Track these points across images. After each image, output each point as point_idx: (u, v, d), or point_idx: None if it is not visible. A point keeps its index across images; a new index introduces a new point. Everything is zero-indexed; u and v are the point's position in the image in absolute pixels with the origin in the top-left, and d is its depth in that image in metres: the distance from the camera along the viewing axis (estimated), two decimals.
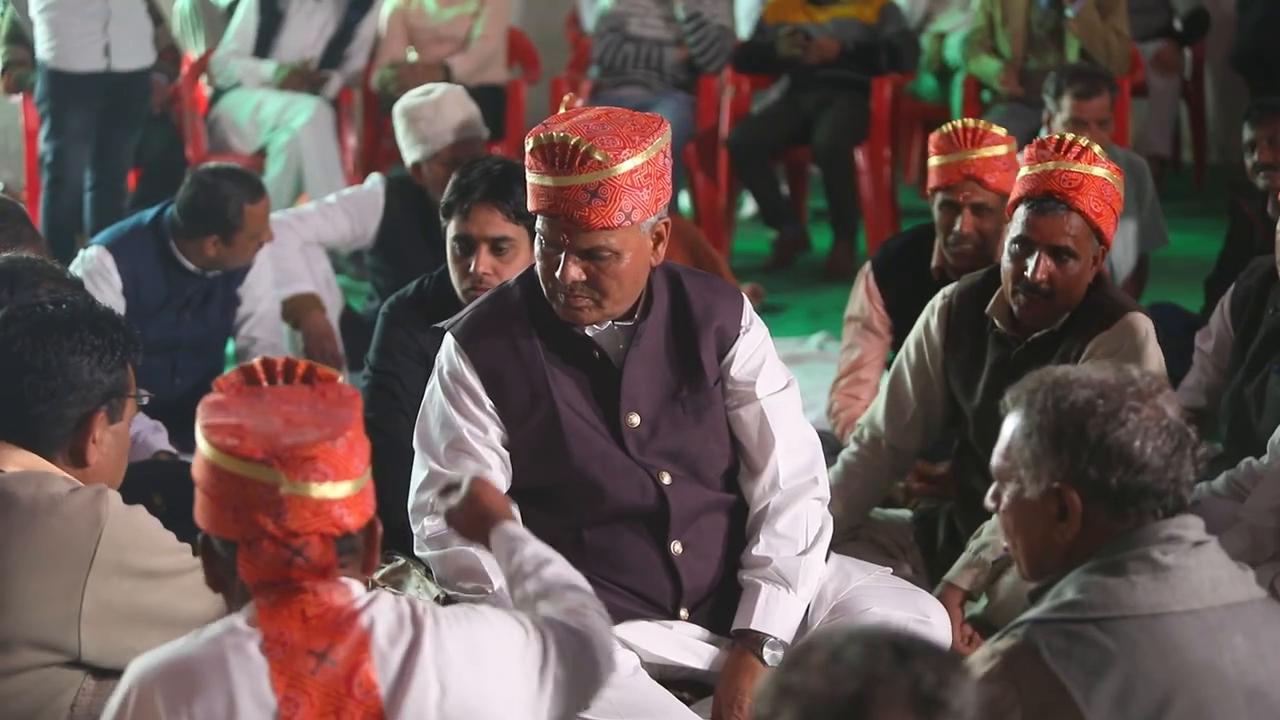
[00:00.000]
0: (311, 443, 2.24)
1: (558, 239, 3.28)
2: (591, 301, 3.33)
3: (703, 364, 3.45)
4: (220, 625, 2.29)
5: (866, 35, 8.13)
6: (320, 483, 2.24)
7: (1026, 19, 7.81)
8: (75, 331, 2.96)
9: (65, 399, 2.94)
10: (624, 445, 3.42)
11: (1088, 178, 3.83)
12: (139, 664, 2.29)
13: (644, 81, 8.20)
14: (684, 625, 3.47)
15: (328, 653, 2.24)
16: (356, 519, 2.29)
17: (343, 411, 2.30)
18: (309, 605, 2.26)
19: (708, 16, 8.18)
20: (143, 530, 2.94)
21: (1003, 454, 2.47)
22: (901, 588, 3.58)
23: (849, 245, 8.07)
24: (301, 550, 2.24)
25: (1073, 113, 6.15)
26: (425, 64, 8.02)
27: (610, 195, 3.22)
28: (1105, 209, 3.85)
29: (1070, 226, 3.84)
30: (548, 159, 3.23)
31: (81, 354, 2.94)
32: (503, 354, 3.42)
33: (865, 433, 4.25)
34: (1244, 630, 2.37)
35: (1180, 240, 7.04)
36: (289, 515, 2.24)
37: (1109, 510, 2.40)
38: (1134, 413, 2.39)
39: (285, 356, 2.39)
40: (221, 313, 5.55)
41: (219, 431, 2.26)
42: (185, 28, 8.66)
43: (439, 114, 5.66)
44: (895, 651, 1.85)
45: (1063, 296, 3.88)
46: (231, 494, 2.25)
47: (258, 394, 2.32)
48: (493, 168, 4.22)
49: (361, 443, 2.30)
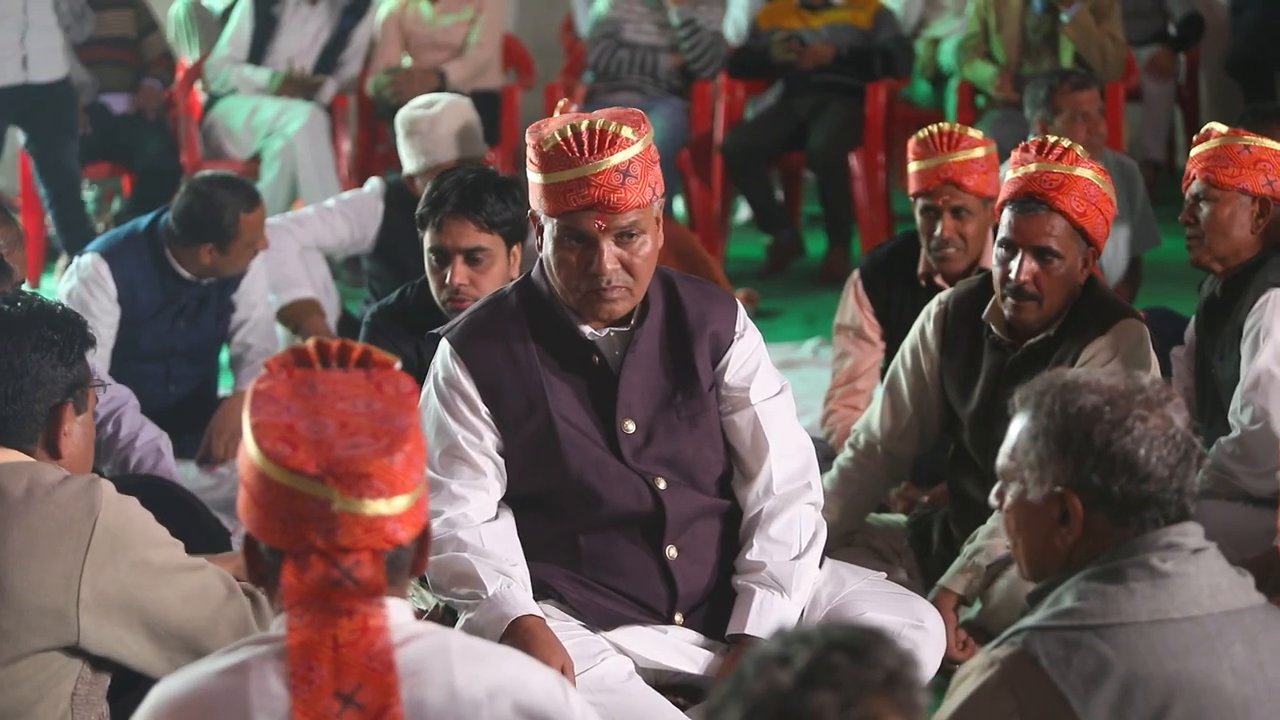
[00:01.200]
0: (367, 458, 2.12)
1: (591, 229, 3.28)
2: (626, 290, 3.34)
3: (697, 370, 3.45)
4: (247, 649, 2.19)
5: (861, 40, 8.14)
6: (375, 499, 2.12)
7: (1021, 24, 7.81)
8: (34, 330, 2.98)
9: (33, 396, 2.97)
10: (619, 452, 3.42)
11: (1069, 178, 3.84)
12: (158, 693, 2.19)
13: (639, 87, 8.20)
14: (679, 630, 3.47)
15: (355, 694, 2.12)
16: (410, 531, 2.17)
17: (401, 417, 2.17)
18: (343, 630, 2.13)
19: (702, 23, 8.18)
20: (136, 519, 2.94)
21: (1008, 454, 2.47)
22: (896, 592, 3.58)
23: (843, 250, 8.07)
24: (351, 571, 2.13)
25: (1072, 107, 6.15)
26: (420, 70, 8.01)
27: (640, 172, 3.26)
28: (1090, 209, 3.85)
29: (1052, 227, 3.85)
30: (575, 149, 3.24)
31: (42, 351, 2.97)
32: (499, 361, 3.42)
33: (861, 438, 4.26)
34: (1243, 638, 2.37)
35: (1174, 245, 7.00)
36: (340, 532, 2.12)
37: (1111, 517, 2.39)
38: (1141, 421, 2.38)
39: (340, 340, 2.27)
40: (216, 319, 5.55)
41: (269, 435, 2.14)
42: (180, 34, 8.66)
43: (434, 129, 5.65)
44: (844, 650, 1.82)
45: (1050, 298, 3.88)
46: (280, 504, 2.14)
47: (310, 383, 2.19)
48: (465, 178, 4.22)
49: (419, 452, 2.18)
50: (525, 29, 9.65)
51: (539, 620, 3.30)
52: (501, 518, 3.45)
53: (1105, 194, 3.89)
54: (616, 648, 3.42)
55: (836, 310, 5.09)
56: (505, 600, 3.30)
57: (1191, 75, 9.38)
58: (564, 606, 3.42)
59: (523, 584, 3.37)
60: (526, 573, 3.41)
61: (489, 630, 3.25)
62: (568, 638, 3.33)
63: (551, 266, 3.37)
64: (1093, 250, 3.90)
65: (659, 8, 8.23)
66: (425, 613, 3.64)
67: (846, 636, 1.83)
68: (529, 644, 3.20)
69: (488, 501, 3.43)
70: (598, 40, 8.32)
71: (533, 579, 3.41)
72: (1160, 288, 6.69)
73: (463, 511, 3.39)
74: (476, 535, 3.38)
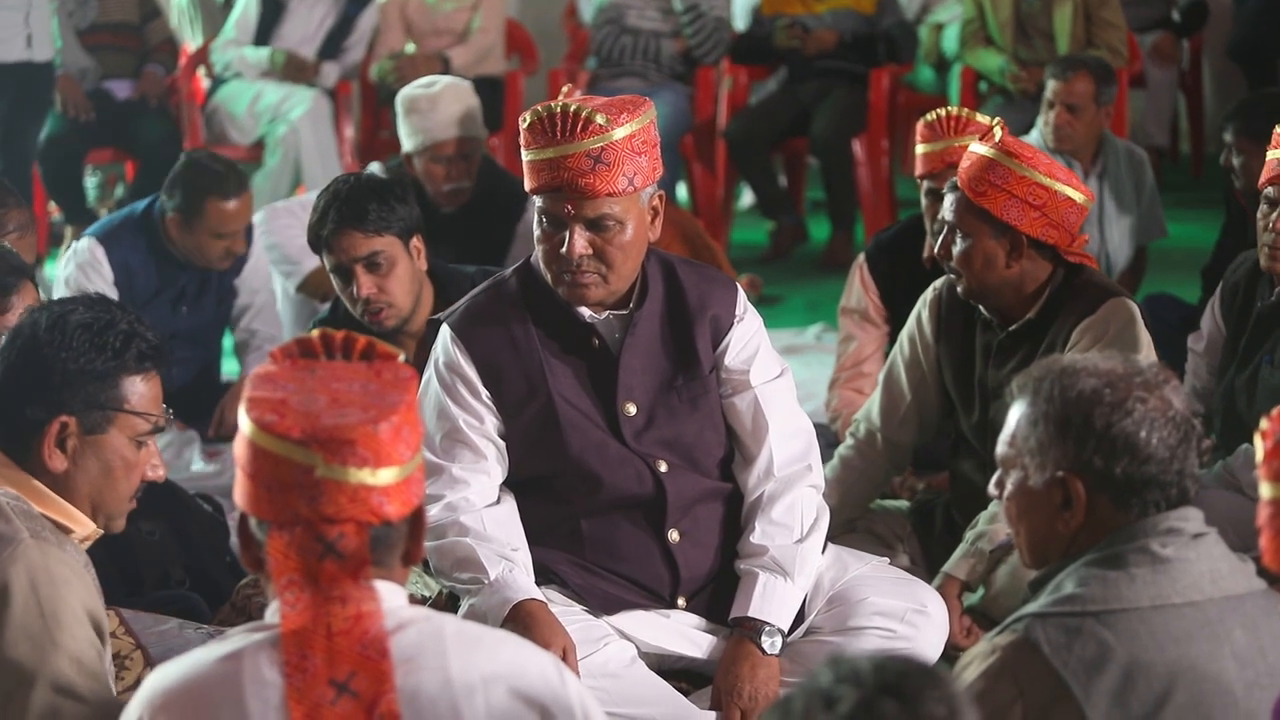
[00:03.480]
0: (352, 425, 2.11)
1: (561, 212, 3.29)
2: (598, 277, 3.34)
3: (698, 353, 3.45)
4: (242, 636, 2.18)
5: (864, 26, 8.13)
6: (359, 468, 2.11)
7: (1015, 9, 7.81)
8: (61, 329, 2.75)
9: (29, 398, 2.73)
10: (620, 435, 3.43)
11: (964, 152, 3.93)
12: (153, 681, 2.19)
13: (641, 73, 8.20)
14: (681, 615, 3.47)
15: (349, 682, 2.11)
16: (398, 508, 2.15)
17: (393, 394, 2.16)
18: (336, 618, 2.12)
19: (705, 8, 8.17)
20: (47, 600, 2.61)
21: (1008, 441, 2.47)
22: (899, 577, 3.58)
23: (847, 236, 8.07)
24: (335, 544, 2.11)
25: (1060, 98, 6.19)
26: (424, 56, 8.00)
27: (613, 160, 3.25)
28: (989, 189, 3.83)
29: (957, 204, 3.89)
30: (548, 129, 3.25)
31: (57, 351, 2.74)
32: (499, 344, 3.42)
33: (861, 427, 4.25)
34: (1243, 623, 2.37)
35: (1178, 231, 7.04)
36: (324, 499, 2.11)
37: (1113, 500, 2.39)
38: (1141, 403, 2.38)
39: (345, 331, 2.26)
40: (217, 304, 5.55)
41: (260, 406, 2.14)
42: (183, 19, 8.66)
43: (434, 109, 5.63)
44: (894, 696, 1.78)
45: (970, 277, 3.90)
46: (266, 472, 2.13)
47: (310, 368, 2.20)
48: (340, 190, 4.25)
49: (411, 428, 2.16)
50: (528, 14, 9.64)
51: (541, 604, 3.31)
52: (504, 502, 3.46)
53: (1012, 171, 3.83)
54: (619, 632, 3.43)
55: (840, 296, 5.09)
56: (507, 585, 3.31)
57: (1195, 61, 9.37)
58: (566, 591, 3.43)
59: (525, 568, 3.38)
60: (529, 557, 3.41)
61: (491, 615, 3.26)
62: (570, 622, 3.33)
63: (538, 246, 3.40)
64: (1017, 234, 3.84)
65: None
66: (429, 599, 3.64)
67: (898, 680, 1.79)
68: (531, 628, 3.21)
69: (489, 485, 3.43)
70: (601, 26, 8.31)
71: (535, 564, 3.42)
72: (1164, 274, 6.68)
73: (464, 495, 3.40)
74: (479, 520, 3.38)
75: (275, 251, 5.86)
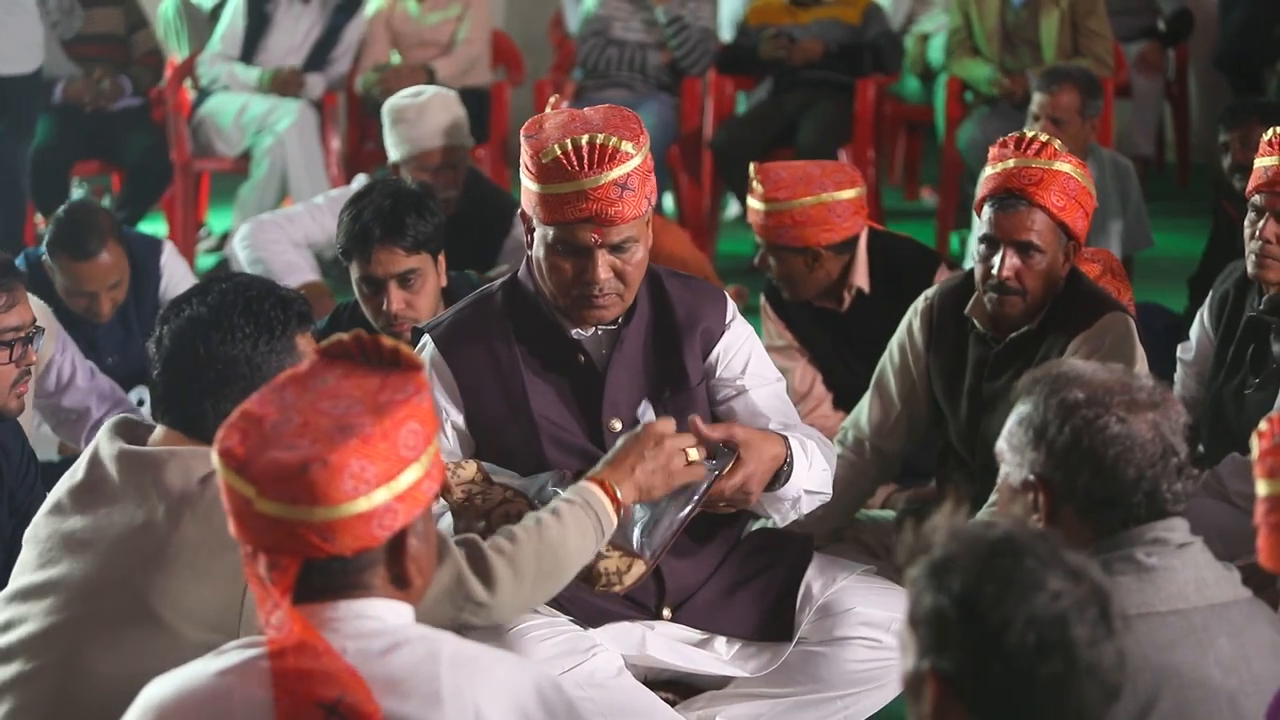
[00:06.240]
0: (291, 462, 2.07)
1: (587, 242, 3.25)
2: (616, 296, 3.33)
3: (686, 367, 3.44)
4: (239, 651, 2.17)
5: (850, 37, 8.13)
6: (292, 505, 2.08)
7: (1001, 19, 7.81)
8: (224, 320, 2.73)
9: (224, 392, 2.69)
10: (605, 450, 3.41)
11: (1049, 172, 3.85)
12: (149, 693, 2.19)
13: (627, 84, 8.20)
14: (667, 626, 3.47)
15: (336, 705, 2.08)
16: (351, 543, 2.10)
17: (370, 425, 2.09)
18: (319, 641, 2.10)
19: (690, 20, 8.17)
20: None
21: (1005, 436, 2.50)
22: (886, 586, 3.57)
23: None
24: (267, 572, 2.09)
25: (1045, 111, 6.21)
26: (409, 67, 8.01)
27: (637, 185, 3.24)
28: (1070, 203, 3.86)
29: (1033, 222, 3.86)
30: (576, 164, 3.20)
31: (233, 343, 2.72)
32: (481, 363, 3.41)
33: (849, 435, 4.25)
34: (1228, 631, 2.38)
35: (1164, 240, 7.05)
36: (264, 531, 2.10)
37: (1077, 512, 2.42)
38: (1119, 423, 2.40)
39: (378, 336, 2.20)
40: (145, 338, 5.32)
41: (232, 427, 2.12)
42: (168, 31, 8.65)
43: (420, 118, 5.62)
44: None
45: (1033, 293, 3.89)
46: (226, 495, 2.13)
47: (322, 375, 2.16)
48: (383, 205, 4.22)
49: (374, 460, 2.09)
50: (514, 26, 9.64)
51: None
52: None
53: (1084, 187, 3.89)
54: (606, 644, 3.42)
55: None
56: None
57: (1180, 71, 9.39)
58: (551, 603, 3.41)
59: None
60: None
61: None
62: (556, 634, 3.33)
63: (543, 270, 3.34)
64: (1074, 244, 3.91)
65: (646, 5, 8.22)
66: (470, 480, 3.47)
67: None
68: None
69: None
70: (586, 37, 8.31)
71: None
72: (1151, 283, 6.69)
73: None
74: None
75: (260, 267, 5.84)
